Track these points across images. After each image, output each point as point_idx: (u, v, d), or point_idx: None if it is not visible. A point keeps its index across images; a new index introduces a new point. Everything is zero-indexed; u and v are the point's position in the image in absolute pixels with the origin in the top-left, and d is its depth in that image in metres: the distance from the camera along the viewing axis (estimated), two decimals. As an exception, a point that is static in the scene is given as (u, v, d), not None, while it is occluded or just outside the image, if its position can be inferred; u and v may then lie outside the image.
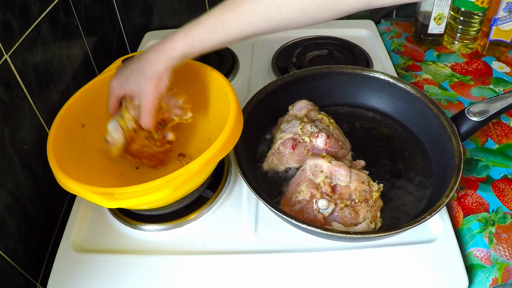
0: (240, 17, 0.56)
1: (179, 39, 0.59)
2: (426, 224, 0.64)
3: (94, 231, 0.70)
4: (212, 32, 0.58)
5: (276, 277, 0.61)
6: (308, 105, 0.79)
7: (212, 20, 0.58)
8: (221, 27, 0.57)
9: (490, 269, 0.61)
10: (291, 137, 0.72)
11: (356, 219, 0.62)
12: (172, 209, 0.69)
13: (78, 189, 0.56)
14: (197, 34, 0.58)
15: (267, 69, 1.01)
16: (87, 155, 0.70)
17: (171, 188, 0.53)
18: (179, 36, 0.59)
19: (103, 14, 1.08)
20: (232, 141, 0.61)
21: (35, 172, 0.71)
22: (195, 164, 0.56)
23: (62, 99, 0.79)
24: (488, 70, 0.97)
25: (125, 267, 0.64)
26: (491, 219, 0.66)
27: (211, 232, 0.68)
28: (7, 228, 0.63)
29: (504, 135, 0.80)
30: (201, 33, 0.58)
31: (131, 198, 0.53)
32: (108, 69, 0.76)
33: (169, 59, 0.59)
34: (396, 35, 1.11)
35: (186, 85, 0.76)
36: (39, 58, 0.74)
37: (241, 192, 0.73)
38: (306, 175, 0.66)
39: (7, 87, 0.64)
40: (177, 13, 1.17)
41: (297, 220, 0.58)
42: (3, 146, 0.63)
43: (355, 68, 0.82)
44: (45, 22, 0.76)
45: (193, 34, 0.58)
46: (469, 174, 0.73)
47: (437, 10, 0.98)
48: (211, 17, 0.58)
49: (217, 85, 0.71)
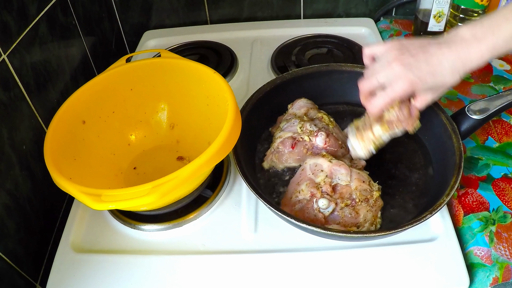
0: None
1: (480, 43, 0.55)
2: (426, 223, 0.64)
3: (93, 231, 0.69)
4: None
5: (276, 277, 0.61)
6: (308, 104, 0.79)
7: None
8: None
9: (490, 268, 0.61)
10: (290, 136, 0.72)
11: (357, 219, 0.62)
12: (172, 209, 0.69)
13: (68, 187, 0.56)
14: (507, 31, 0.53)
15: (266, 68, 1.01)
16: (86, 152, 0.70)
17: (158, 194, 0.52)
18: (479, 38, 0.55)
19: (101, 13, 1.07)
20: (225, 149, 0.59)
21: (34, 172, 0.70)
22: (183, 171, 0.55)
23: (60, 99, 0.79)
24: (488, 68, 0.96)
25: (124, 267, 0.63)
26: (492, 218, 0.66)
27: (210, 232, 0.67)
28: (6, 229, 0.63)
29: (504, 133, 0.79)
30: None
31: (117, 201, 0.53)
32: (111, 67, 0.76)
33: (464, 73, 0.57)
34: (396, 33, 1.11)
35: (188, 87, 0.76)
36: (37, 58, 0.73)
37: (241, 192, 0.73)
38: (306, 175, 0.66)
39: (5, 87, 0.64)
40: (176, 11, 1.17)
41: (297, 220, 0.58)
42: (1, 146, 0.62)
43: (354, 66, 0.82)
44: (43, 21, 0.75)
45: (500, 32, 0.54)
46: (469, 173, 0.73)
47: (436, 8, 0.97)
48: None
49: (218, 89, 0.70)
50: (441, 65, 0.57)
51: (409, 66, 0.57)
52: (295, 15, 1.20)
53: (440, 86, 0.59)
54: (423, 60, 0.57)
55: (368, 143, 0.66)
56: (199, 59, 1.02)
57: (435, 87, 0.60)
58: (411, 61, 0.57)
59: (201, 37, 1.12)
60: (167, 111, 0.80)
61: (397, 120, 0.64)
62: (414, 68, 0.57)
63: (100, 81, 0.74)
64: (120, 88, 0.76)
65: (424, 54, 0.57)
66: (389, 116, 0.64)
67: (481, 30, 0.56)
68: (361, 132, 0.66)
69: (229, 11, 1.18)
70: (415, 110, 0.65)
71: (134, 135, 0.79)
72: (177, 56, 0.77)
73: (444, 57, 0.57)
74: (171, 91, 0.78)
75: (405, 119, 0.64)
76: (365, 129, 0.66)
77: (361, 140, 0.66)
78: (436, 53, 0.57)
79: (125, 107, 0.77)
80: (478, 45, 0.55)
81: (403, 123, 0.64)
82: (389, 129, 0.64)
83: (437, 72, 0.57)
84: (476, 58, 0.56)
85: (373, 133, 0.65)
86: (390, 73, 0.58)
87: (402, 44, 0.60)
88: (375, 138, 0.65)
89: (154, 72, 0.77)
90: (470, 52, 0.56)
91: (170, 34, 1.15)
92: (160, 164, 0.77)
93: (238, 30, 1.14)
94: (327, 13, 1.19)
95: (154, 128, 0.80)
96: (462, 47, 0.56)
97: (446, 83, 0.59)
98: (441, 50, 0.57)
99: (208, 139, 0.71)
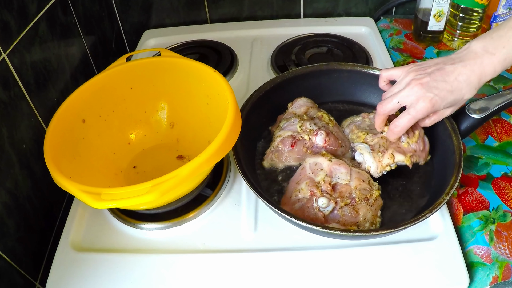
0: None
1: (492, 56, 0.57)
2: (426, 221, 0.64)
3: (93, 230, 0.69)
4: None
5: (276, 276, 0.61)
6: (308, 103, 0.79)
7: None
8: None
9: (490, 267, 0.61)
10: (290, 134, 0.72)
11: (356, 218, 0.62)
12: (171, 208, 0.69)
13: (68, 185, 0.56)
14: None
15: (266, 67, 1.01)
16: (86, 151, 0.70)
17: (158, 193, 0.52)
18: (491, 51, 0.57)
19: (102, 13, 1.07)
20: (225, 148, 0.59)
21: (34, 171, 0.70)
22: (183, 170, 0.55)
23: (60, 98, 0.79)
24: (488, 67, 0.96)
25: (124, 266, 0.63)
26: (491, 217, 0.66)
27: (210, 231, 0.67)
28: (6, 227, 0.63)
29: (504, 132, 0.79)
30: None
31: (117, 200, 0.53)
32: (111, 66, 0.76)
33: (479, 87, 0.59)
34: (396, 32, 1.11)
35: (188, 86, 0.76)
36: (37, 57, 0.73)
37: (241, 190, 0.73)
38: (306, 173, 0.66)
39: (5, 86, 0.64)
40: (176, 11, 1.17)
41: (297, 219, 0.58)
42: (1, 145, 0.63)
43: (354, 65, 0.82)
44: (43, 20, 0.75)
45: (510, 44, 0.57)
46: (469, 172, 0.73)
47: (436, 7, 0.97)
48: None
49: (218, 88, 0.70)
50: (458, 81, 0.59)
51: (428, 86, 0.59)
52: (295, 14, 1.20)
53: (459, 100, 0.62)
54: (440, 79, 0.59)
55: (384, 167, 0.67)
56: (199, 58, 1.02)
57: (454, 103, 0.62)
58: (429, 81, 0.60)
59: (201, 36, 1.12)
60: (167, 110, 0.80)
61: (414, 151, 0.67)
62: (433, 88, 0.59)
63: (100, 80, 0.74)
64: (120, 87, 0.76)
65: (440, 72, 0.60)
66: (408, 146, 0.67)
67: (492, 44, 0.58)
68: (378, 155, 0.67)
69: (229, 10, 1.18)
70: (428, 144, 0.69)
71: (134, 134, 0.79)
72: (177, 55, 0.77)
73: (460, 74, 0.59)
74: (171, 90, 0.78)
75: (420, 151, 0.68)
76: (383, 153, 0.66)
77: (378, 163, 0.66)
78: (452, 71, 0.59)
79: (125, 106, 0.77)
80: (490, 58, 0.58)
81: (420, 155, 0.68)
82: (410, 160, 0.67)
83: (455, 89, 0.59)
84: (490, 72, 0.59)
85: (393, 160, 0.66)
86: (411, 94, 0.60)
87: (418, 65, 0.63)
88: (393, 163, 0.67)
89: (154, 71, 0.77)
90: (483, 66, 0.59)
91: (170, 33, 1.15)
92: (160, 163, 0.77)
93: (238, 29, 1.14)
94: (327, 12, 1.20)
95: (154, 127, 0.80)
96: (476, 62, 0.59)
97: (464, 98, 0.61)
98: (456, 67, 0.59)
99: (208, 138, 0.71)
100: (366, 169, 0.67)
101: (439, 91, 0.59)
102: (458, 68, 0.59)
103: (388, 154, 0.66)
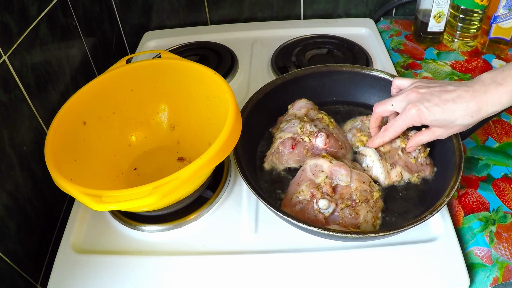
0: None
1: (499, 86, 0.57)
2: (426, 223, 0.64)
3: (94, 232, 0.69)
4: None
5: (276, 277, 0.61)
6: (308, 104, 0.79)
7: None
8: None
9: (491, 268, 0.61)
10: (290, 136, 0.72)
11: (357, 220, 0.62)
12: (172, 210, 0.69)
13: (68, 188, 0.56)
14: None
15: (266, 69, 1.01)
16: (87, 153, 0.70)
17: (158, 195, 0.53)
18: (498, 82, 0.57)
19: (102, 14, 1.07)
20: (226, 150, 0.59)
21: (35, 173, 0.70)
22: (184, 172, 0.55)
23: (61, 100, 0.79)
24: (488, 68, 0.96)
25: (125, 268, 0.63)
26: (492, 218, 0.66)
27: (211, 233, 0.67)
28: (7, 229, 0.63)
29: (504, 133, 0.79)
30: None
31: (118, 202, 0.53)
32: (112, 68, 0.76)
33: (478, 118, 0.59)
34: (396, 34, 1.11)
35: (189, 88, 0.76)
36: (38, 59, 0.74)
37: (241, 192, 0.73)
38: (306, 175, 0.66)
39: (5, 88, 0.64)
40: (176, 12, 1.17)
41: (298, 221, 0.58)
42: (2, 147, 0.63)
43: (354, 66, 0.82)
44: (44, 22, 0.76)
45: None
46: (469, 173, 0.73)
47: (436, 8, 0.98)
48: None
49: (219, 90, 0.70)
50: (453, 102, 0.59)
51: (422, 97, 0.60)
52: (295, 15, 1.20)
53: (449, 123, 0.60)
54: (437, 94, 0.60)
55: (392, 182, 0.68)
56: (199, 60, 1.02)
57: (443, 123, 0.61)
58: (426, 93, 0.61)
59: (201, 37, 1.12)
60: (167, 112, 0.81)
61: (421, 165, 0.69)
62: (425, 100, 0.60)
63: (100, 82, 0.74)
64: (121, 89, 0.76)
65: (440, 89, 0.60)
66: (416, 162, 0.69)
67: (501, 76, 0.58)
68: (387, 165, 0.68)
69: (229, 11, 1.18)
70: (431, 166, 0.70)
71: (135, 136, 0.79)
72: (178, 57, 0.77)
73: (459, 96, 0.59)
74: (172, 92, 0.78)
75: (426, 165, 0.70)
76: (392, 166, 0.68)
77: (387, 174, 0.68)
78: (451, 91, 0.59)
79: (126, 108, 0.77)
80: (496, 88, 0.57)
81: (425, 169, 0.69)
82: (417, 179, 0.69)
83: (447, 108, 0.59)
84: (494, 102, 0.57)
85: (401, 178, 0.69)
86: (404, 100, 0.62)
87: (427, 80, 0.64)
88: (400, 179, 0.69)
89: (155, 73, 0.78)
90: (486, 94, 0.57)
91: (170, 35, 1.16)
92: (160, 165, 0.77)
93: (238, 31, 1.14)
94: (327, 13, 1.20)
95: (154, 129, 0.80)
96: (480, 88, 0.58)
97: (456, 122, 0.60)
98: (458, 89, 0.59)
99: (209, 139, 0.71)
100: (373, 177, 0.68)
101: (430, 105, 0.59)
102: (459, 91, 0.59)
103: (396, 172, 0.68)
